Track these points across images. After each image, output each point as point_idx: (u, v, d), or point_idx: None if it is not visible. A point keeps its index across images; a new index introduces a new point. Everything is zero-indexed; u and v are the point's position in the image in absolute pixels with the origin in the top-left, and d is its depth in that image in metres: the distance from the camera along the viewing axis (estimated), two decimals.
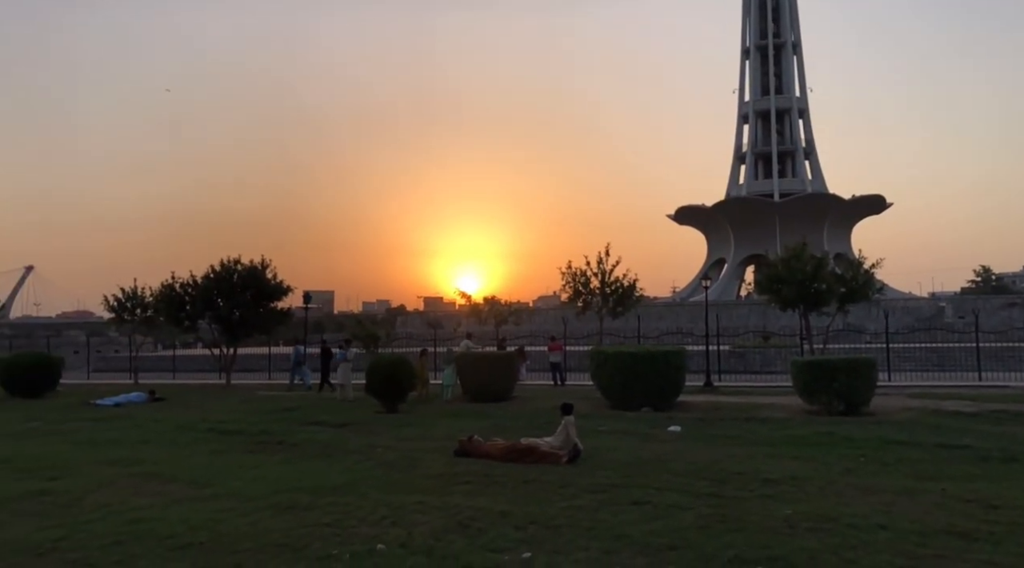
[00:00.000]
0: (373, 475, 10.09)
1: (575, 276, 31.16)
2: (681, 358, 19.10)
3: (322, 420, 16.49)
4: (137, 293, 31.73)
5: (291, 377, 27.69)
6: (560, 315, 39.30)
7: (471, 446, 11.44)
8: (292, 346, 29.79)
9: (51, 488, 9.38)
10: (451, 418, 16.76)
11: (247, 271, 29.00)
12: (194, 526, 7.31)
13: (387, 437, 13.88)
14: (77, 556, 6.44)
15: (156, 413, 18.79)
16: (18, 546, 6.77)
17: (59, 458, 11.91)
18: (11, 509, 8.28)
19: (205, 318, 29.68)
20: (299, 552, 6.49)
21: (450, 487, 9.20)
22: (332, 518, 7.61)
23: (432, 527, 7.23)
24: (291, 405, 20.00)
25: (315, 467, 10.86)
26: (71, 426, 16.58)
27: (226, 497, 8.71)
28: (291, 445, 13.01)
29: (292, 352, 28.81)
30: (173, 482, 9.78)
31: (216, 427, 15.49)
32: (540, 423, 14.84)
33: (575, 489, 8.90)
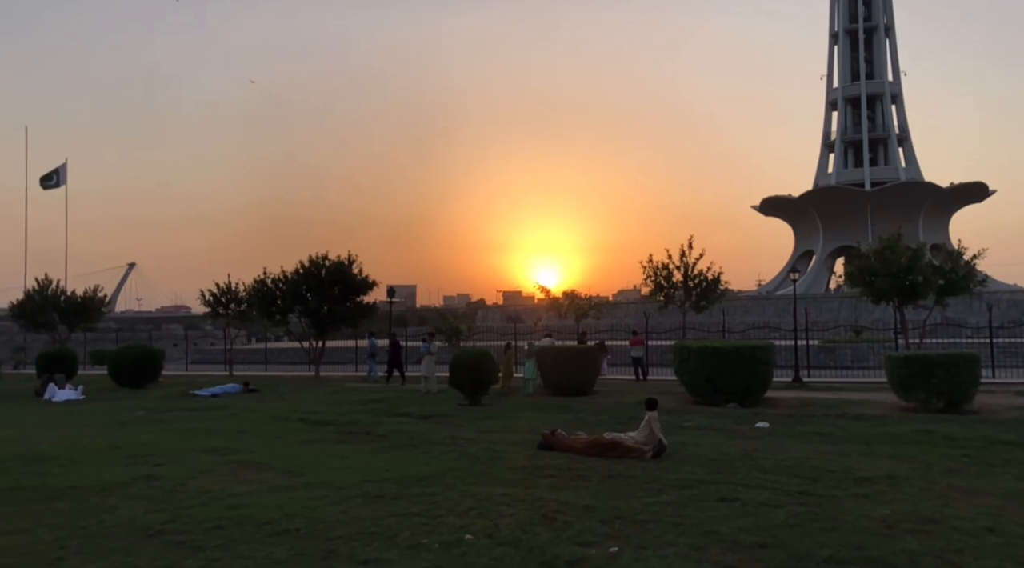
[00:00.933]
0: (458, 466, 10.23)
1: (657, 270, 30.78)
2: (769, 353, 18.63)
3: (407, 412, 16.83)
4: (231, 288, 33.06)
5: (369, 368, 28.48)
6: (641, 309, 38.89)
7: (554, 440, 11.46)
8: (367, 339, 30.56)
9: (157, 474, 9.89)
10: (533, 411, 16.83)
11: (334, 267, 29.89)
12: (289, 513, 7.59)
13: (471, 429, 14.06)
14: (183, 538, 6.78)
15: (250, 403, 19.56)
16: (130, 527, 7.17)
17: (163, 446, 12.55)
18: (122, 493, 8.77)
19: (295, 312, 30.73)
20: (389, 540, 6.66)
21: (534, 480, 9.25)
22: (420, 508, 7.77)
23: (518, 519, 7.29)
24: (377, 397, 20.48)
25: (402, 458, 11.10)
26: (173, 415, 17.45)
27: (318, 485, 9.00)
28: (378, 436, 13.34)
29: (367, 344, 29.60)
30: (268, 470, 10.16)
31: (307, 417, 16.02)
32: (623, 418, 14.74)
33: (661, 485, 8.81)
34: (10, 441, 13.38)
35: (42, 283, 38.31)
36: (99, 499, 8.45)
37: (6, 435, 14.29)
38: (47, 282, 38.37)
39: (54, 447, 12.47)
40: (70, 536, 6.91)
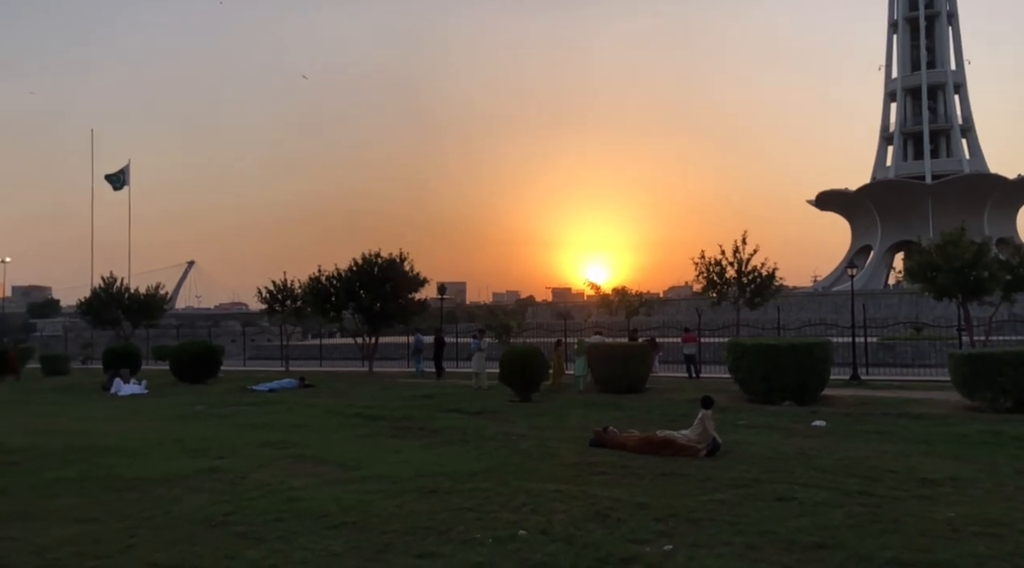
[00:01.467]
0: (511, 462, 10.28)
1: (709, 266, 30.39)
2: (826, 350, 18.23)
3: (459, 407, 16.95)
4: (287, 286, 33.69)
5: (414, 364, 28.71)
6: (693, 306, 38.44)
7: (606, 437, 11.42)
8: (414, 335, 30.88)
9: (218, 466, 10.16)
10: (584, 408, 16.79)
11: (386, 264, 30.24)
12: (346, 506, 7.73)
13: (522, 425, 14.10)
14: (244, 529, 6.96)
15: (306, 398, 19.94)
16: (194, 518, 7.40)
17: (223, 439, 12.89)
18: (186, 485, 9.04)
19: (349, 309, 31.19)
20: (443, 535, 6.73)
21: (587, 477, 9.24)
22: (473, 503, 7.83)
23: (571, 516, 7.29)
24: (429, 392, 20.67)
25: (454, 453, 11.20)
26: (232, 410, 17.90)
27: (374, 479, 9.15)
28: (431, 431, 13.47)
29: (413, 340, 29.91)
30: (325, 464, 10.36)
31: (361, 412, 16.26)
32: (675, 415, 14.61)
33: (715, 483, 8.71)
34: (79, 434, 13.91)
35: (107, 281, 39.64)
36: (164, 490, 8.73)
37: (76, 428, 14.86)
38: (112, 280, 39.70)
39: (121, 440, 12.92)
40: (138, 525, 7.15)
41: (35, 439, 13.16)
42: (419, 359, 28.68)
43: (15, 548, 6.46)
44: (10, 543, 6.60)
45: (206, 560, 6.06)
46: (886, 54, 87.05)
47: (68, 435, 13.71)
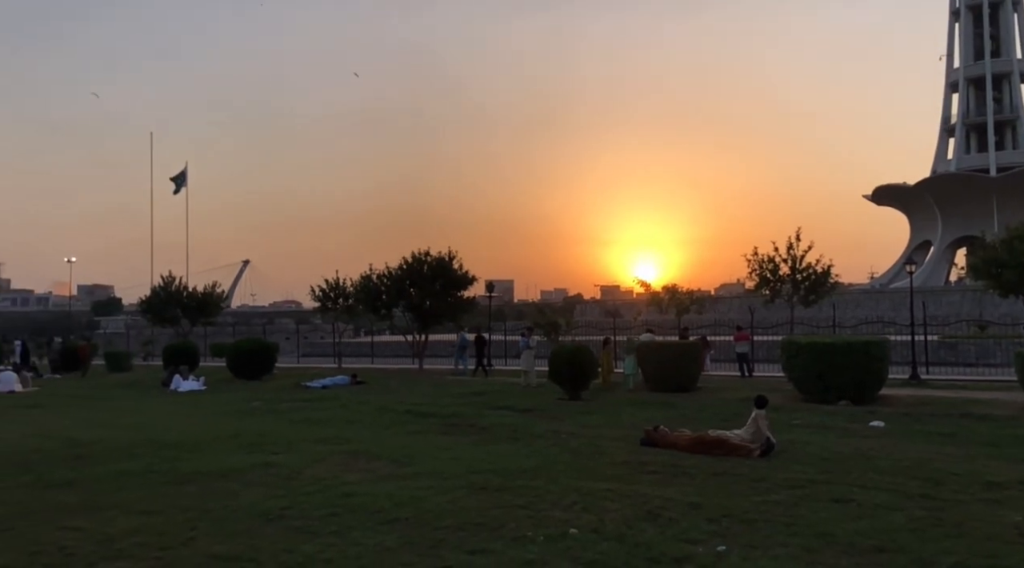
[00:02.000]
0: (561, 460, 10.28)
1: (762, 263, 29.90)
2: (884, 348, 17.77)
3: (509, 405, 17.01)
4: (339, 284, 34.22)
5: (455, 362, 29.02)
6: (745, 304, 37.85)
7: (657, 436, 11.34)
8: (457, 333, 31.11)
9: (274, 461, 10.39)
10: (634, 407, 16.68)
11: (436, 262, 30.48)
12: (399, 502, 7.82)
13: (572, 424, 14.08)
14: (300, 524, 7.10)
15: (359, 395, 20.24)
16: (252, 511, 7.58)
17: (279, 435, 13.17)
18: (243, 479, 9.26)
19: (399, 307, 31.54)
20: (495, 532, 6.76)
21: (638, 476, 9.18)
22: (524, 500, 7.85)
23: (623, 514, 7.26)
24: (478, 390, 20.78)
25: (505, 450, 11.24)
26: (286, 406, 18.27)
27: (426, 476, 9.24)
28: (481, 428, 13.55)
29: (457, 338, 30.10)
30: (377, 460, 10.50)
31: (412, 409, 16.44)
32: (727, 415, 14.41)
33: (769, 484, 8.57)
34: (142, 428, 14.37)
35: (166, 280, 40.80)
36: (223, 484, 8.96)
37: (138, 422, 15.35)
38: (171, 279, 40.83)
39: (181, 435, 13.30)
40: (199, 518, 7.36)
41: (101, 433, 13.64)
42: (463, 357, 28.88)
43: (83, 538, 6.70)
44: (79, 533, 6.85)
45: (264, 553, 6.20)
46: (947, 43, 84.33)
47: (131, 430, 14.18)
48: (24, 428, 14.70)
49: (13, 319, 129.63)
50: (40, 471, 9.93)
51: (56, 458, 10.98)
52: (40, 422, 15.71)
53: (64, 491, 8.71)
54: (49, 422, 15.71)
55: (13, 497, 8.35)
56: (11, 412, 17.79)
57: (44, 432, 14.02)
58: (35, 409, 18.52)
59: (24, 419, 16.36)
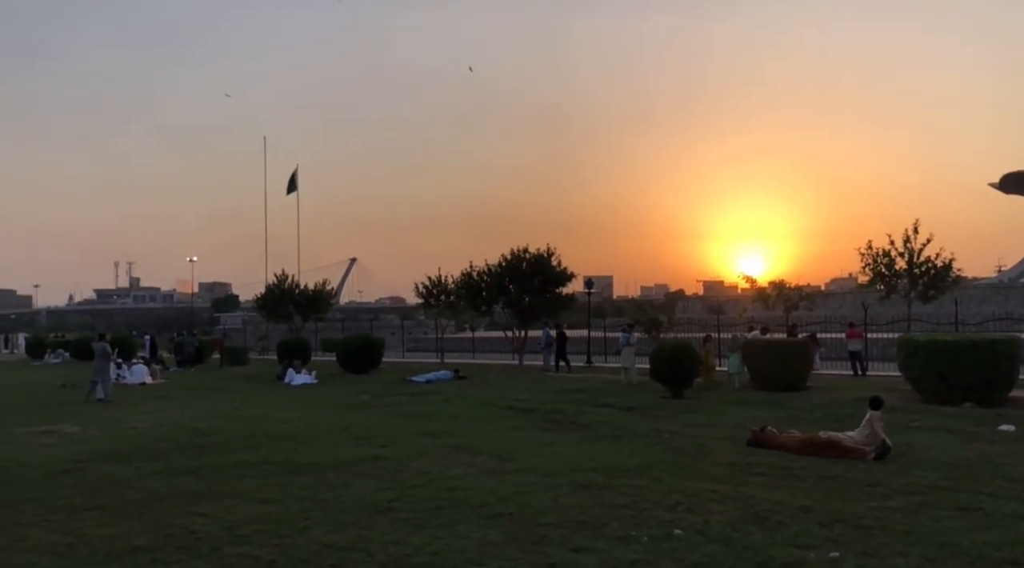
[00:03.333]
0: (664, 460, 10.15)
1: (877, 257, 28.44)
2: (1013, 347, 16.57)
3: (610, 403, 16.91)
4: (441, 281, 34.93)
5: (544, 358, 29.14)
6: (858, 299, 36.12)
7: (764, 437, 11.01)
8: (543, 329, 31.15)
9: (382, 455, 10.73)
10: (740, 406, 16.25)
11: (534, 259, 30.68)
12: (502, 497, 7.94)
13: (674, 423, 13.87)
14: (407, 516, 7.32)
15: (461, 390, 20.61)
16: (362, 503, 7.87)
17: (386, 428, 13.58)
18: (353, 471, 9.62)
19: (499, 303, 31.91)
20: (598, 530, 6.76)
21: (744, 477, 8.96)
22: (627, 500, 7.81)
23: (729, 517, 7.11)
24: (578, 386, 20.75)
25: (607, 448, 11.20)
26: (392, 400, 18.81)
27: (528, 472, 9.32)
28: (582, 425, 13.54)
29: (542, 335, 30.12)
30: (480, 455, 10.67)
31: (513, 405, 16.60)
32: (840, 416, 13.83)
33: (886, 489, 8.19)
34: (259, 420, 15.13)
35: (280, 278, 42.73)
36: (335, 475, 9.33)
37: (255, 414, 16.16)
38: (284, 277, 42.73)
39: (295, 427, 13.93)
40: (313, 508, 7.70)
41: (222, 424, 14.45)
42: (549, 353, 29.05)
43: (208, 524, 7.14)
44: (205, 519, 7.30)
45: (374, 544, 6.42)
46: None
47: (249, 421, 14.95)
48: (154, 418, 15.74)
49: (142, 315, 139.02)
50: (169, 459, 10.63)
51: (182, 447, 11.72)
52: (167, 413, 16.78)
53: (190, 479, 9.29)
54: (175, 413, 16.76)
55: (147, 484, 8.98)
56: (142, 403, 19.08)
57: (171, 422, 14.98)
58: (163, 400, 19.79)
59: (153, 409, 17.51)
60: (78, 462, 10.44)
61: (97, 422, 15.00)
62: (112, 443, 12.19)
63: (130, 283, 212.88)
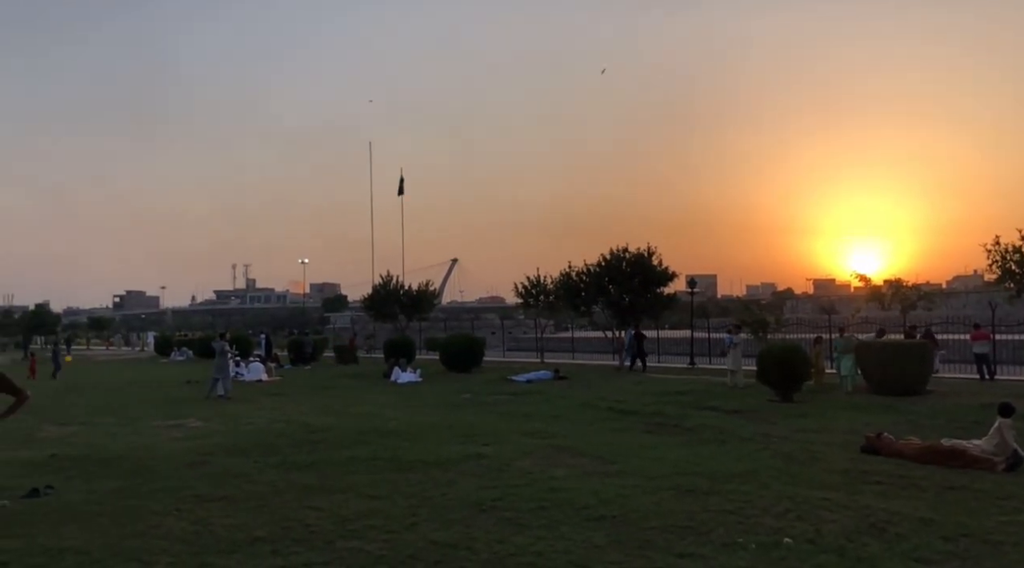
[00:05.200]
0: (772, 465, 9.86)
1: (1005, 253, 26.57)
2: None
3: (714, 405, 16.55)
4: (540, 281, 35.08)
5: (623, 359, 28.93)
6: (984, 299, 33.92)
7: (880, 443, 10.53)
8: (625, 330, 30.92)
9: (485, 453, 10.89)
10: (853, 411, 15.58)
11: (634, 258, 30.33)
12: (605, 500, 7.91)
13: (782, 427, 13.44)
14: (511, 516, 7.41)
15: (561, 390, 20.64)
16: (466, 501, 8.01)
17: (488, 427, 13.78)
18: (457, 469, 9.81)
19: (598, 303, 31.75)
20: (704, 536, 6.65)
21: (858, 486, 8.60)
22: (734, 505, 7.64)
23: (842, 526, 6.85)
24: (681, 389, 20.40)
25: (711, 452, 10.98)
26: (494, 399, 19.05)
27: (630, 474, 9.26)
28: (686, 429, 13.32)
29: (624, 335, 29.86)
30: (582, 456, 10.67)
31: (614, 406, 16.50)
32: (964, 422, 13.06)
33: (1019, 501, 7.69)
34: (367, 417, 15.64)
35: (385, 279, 44.03)
36: (440, 473, 9.55)
37: (364, 411, 16.72)
38: (389, 278, 44.01)
39: (401, 424, 14.33)
40: (420, 505, 7.91)
41: (333, 421, 15.04)
42: (627, 355, 28.78)
43: (322, 517, 7.45)
44: (319, 512, 7.62)
45: (479, 542, 6.54)
46: None
47: (358, 418, 15.49)
48: (270, 414, 16.55)
49: (257, 315, 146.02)
50: (285, 454, 11.15)
51: (297, 442, 12.26)
52: (282, 409, 17.60)
53: (305, 473, 9.71)
54: (289, 409, 17.56)
55: (266, 477, 9.45)
56: (259, 399, 20.09)
57: (286, 418, 15.70)
58: (278, 397, 20.77)
59: (269, 406, 18.40)
60: (203, 455, 11.11)
61: (219, 417, 15.91)
62: (233, 437, 12.89)
63: (247, 284, 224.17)
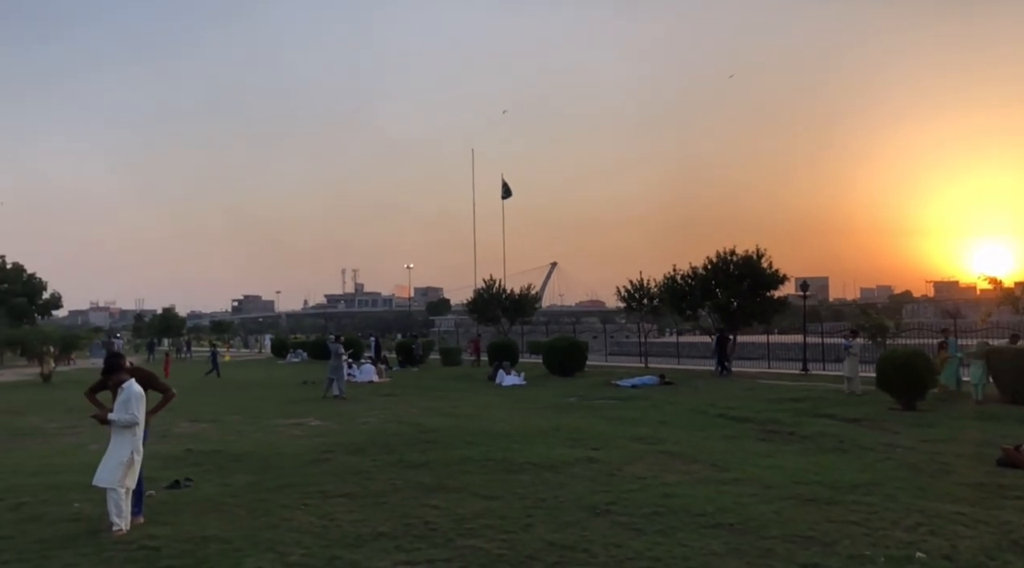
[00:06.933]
0: (898, 476, 9.43)
1: None
2: None
3: (831, 413, 15.93)
4: (643, 285, 34.73)
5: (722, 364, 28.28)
6: None
7: (1020, 456, 9.88)
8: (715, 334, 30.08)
9: (595, 457, 10.90)
10: (984, 421, 14.68)
11: (743, 261, 29.64)
12: (721, 507, 7.79)
13: (907, 437, 12.81)
14: (626, 520, 7.40)
15: (668, 396, 20.35)
16: (580, 504, 8.06)
17: (596, 431, 13.76)
18: (568, 472, 9.86)
19: (704, 307, 31.14)
20: (828, 547, 6.45)
21: (996, 500, 8.11)
22: (859, 517, 7.37)
23: (980, 542, 6.50)
24: (795, 395, 19.74)
25: (831, 461, 10.59)
26: (600, 403, 18.99)
27: (746, 482, 9.07)
28: (802, 437, 12.89)
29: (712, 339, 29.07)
30: (694, 463, 10.52)
31: (725, 413, 16.15)
32: None
33: None
34: (475, 418, 15.92)
35: (488, 283, 44.66)
36: (551, 475, 9.63)
37: (472, 413, 17.02)
38: (492, 282, 44.62)
39: (509, 426, 14.51)
40: (533, 506, 8.01)
41: (443, 421, 15.39)
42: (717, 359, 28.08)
43: (440, 515, 7.66)
44: (437, 511, 7.84)
45: (595, 545, 6.57)
46: None
47: (467, 419, 15.78)
48: (382, 414, 17.10)
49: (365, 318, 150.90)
50: (400, 452, 11.50)
51: (410, 442, 12.62)
52: (394, 409, 18.15)
53: (421, 472, 10.00)
54: (400, 409, 18.08)
55: (384, 475, 9.79)
56: (371, 399, 20.77)
57: (398, 418, 16.18)
58: (389, 397, 21.42)
59: (381, 406, 19.00)
60: (324, 452, 11.61)
61: (336, 417, 16.56)
62: (350, 436, 13.41)
63: (355, 288, 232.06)
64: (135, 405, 7.21)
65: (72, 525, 7.44)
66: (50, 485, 9.28)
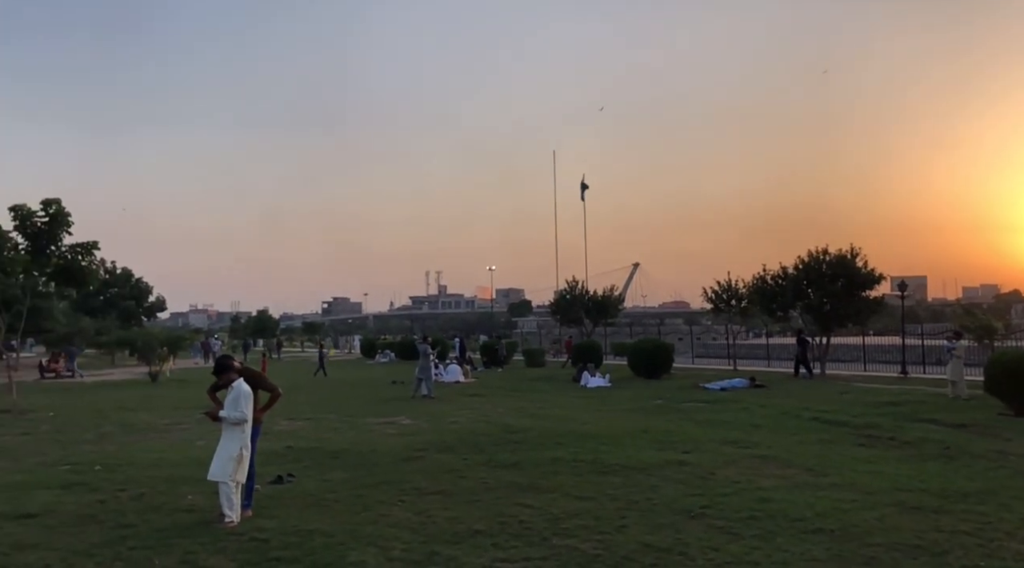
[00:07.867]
0: (1012, 485, 8.97)
1: None
2: None
3: (934, 418, 15.25)
4: (731, 285, 34.00)
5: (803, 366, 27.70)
6: None
7: None
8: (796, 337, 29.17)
9: (686, 460, 10.77)
10: None
11: (836, 260, 28.67)
12: (820, 513, 7.59)
13: (1020, 444, 12.13)
14: (722, 524, 7.31)
15: (759, 399, 19.86)
16: (673, 507, 8.00)
17: (685, 434, 13.59)
18: (659, 475, 9.78)
19: (796, 308, 30.25)
20: (938, 557, 6.22)
21: None
22: (970, 527, 7.06)
23: None
24: (893, 399, 18.97)
25: (936, 469, 10.15)
26: (688, 406, 18.72)
27: (845, 488, 8.80)
28: (904, 442, 12.40)
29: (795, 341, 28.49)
30: (790, 467, 10.27)
31: (819, 416, 15.67)
32: None
33: None
34: (563, 419, 15.97)
35: (570, 284, 44.61)
36: (643, 477, 9.59)
37: (558, 414, 17.07)
38: (574, 283, 44.54)
39: (597, 427, 14.49)
40: (627, 508, 8.00)
41: (530, 422, 15.50)
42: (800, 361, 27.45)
43: (534, 515, 7.75)
44: (531, 510, 7.94)
45: (692, 548, 6.53)
46: None
47: (553, 420, 15.84)
48: (471, 413, 17.34)
49: (449, 319, 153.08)
50: (490, 452, 11.66)
51: (499, 442, 12.78)
52: (481, 409, 18.38)
53: (511, 471, 10.12)
54: (487, 409, 18.29)
55: (476, 473, 9.96)
56: (459, 399, 21.09)
57: (485, 418, 16.39)
58: (476, 397, 21.69)
59: (469, 406, 19.27)
60: (417, 450, 11.89)
61: (426, 416, 16.91)
62: (441, 435, 13.67)
63: (439, 290, 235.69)
64: (243, 403, 7.60)
65: (187, 516, 7.88)
66: (165, 477, 9.85)
